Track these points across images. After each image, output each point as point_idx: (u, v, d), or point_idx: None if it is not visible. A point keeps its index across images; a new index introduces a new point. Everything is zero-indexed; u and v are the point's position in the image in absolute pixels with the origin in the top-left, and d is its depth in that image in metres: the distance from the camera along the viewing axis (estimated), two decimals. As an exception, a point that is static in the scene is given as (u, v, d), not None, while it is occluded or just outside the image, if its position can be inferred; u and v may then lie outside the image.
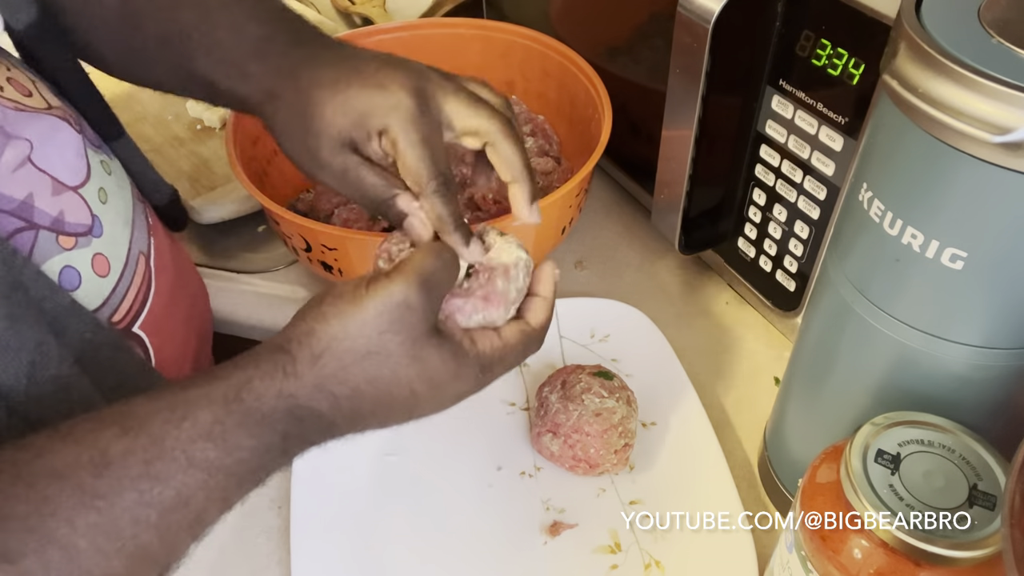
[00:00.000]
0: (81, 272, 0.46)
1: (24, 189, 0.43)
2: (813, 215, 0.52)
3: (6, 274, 0.40)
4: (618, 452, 0.52)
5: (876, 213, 0.36)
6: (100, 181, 0.49)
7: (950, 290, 0.35)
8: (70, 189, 0.46)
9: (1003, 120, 0.29)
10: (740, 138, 0.56)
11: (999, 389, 0.38)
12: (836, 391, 0.44)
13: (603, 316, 0.63)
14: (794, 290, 0.57)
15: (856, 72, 0.45)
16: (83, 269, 0.46)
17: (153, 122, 0.84)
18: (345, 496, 0.53)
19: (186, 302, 0.58)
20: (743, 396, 0.60)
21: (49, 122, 0.46)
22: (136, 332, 0.51)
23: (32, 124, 0.45)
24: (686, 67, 0.52)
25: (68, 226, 0.46)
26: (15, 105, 0.45)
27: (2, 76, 0.45)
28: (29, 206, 0.44)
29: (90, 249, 0.47)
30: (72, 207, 0.46)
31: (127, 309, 0.50)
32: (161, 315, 0.53)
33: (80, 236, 0.46)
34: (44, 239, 0.44)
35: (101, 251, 0.48)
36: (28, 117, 0.45)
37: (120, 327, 0.49)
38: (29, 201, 0.44)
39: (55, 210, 0.45)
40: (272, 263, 0.72)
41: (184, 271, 0.59)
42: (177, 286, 0.57)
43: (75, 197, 0.47)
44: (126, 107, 0.84)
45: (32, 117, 0.45)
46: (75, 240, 0.46)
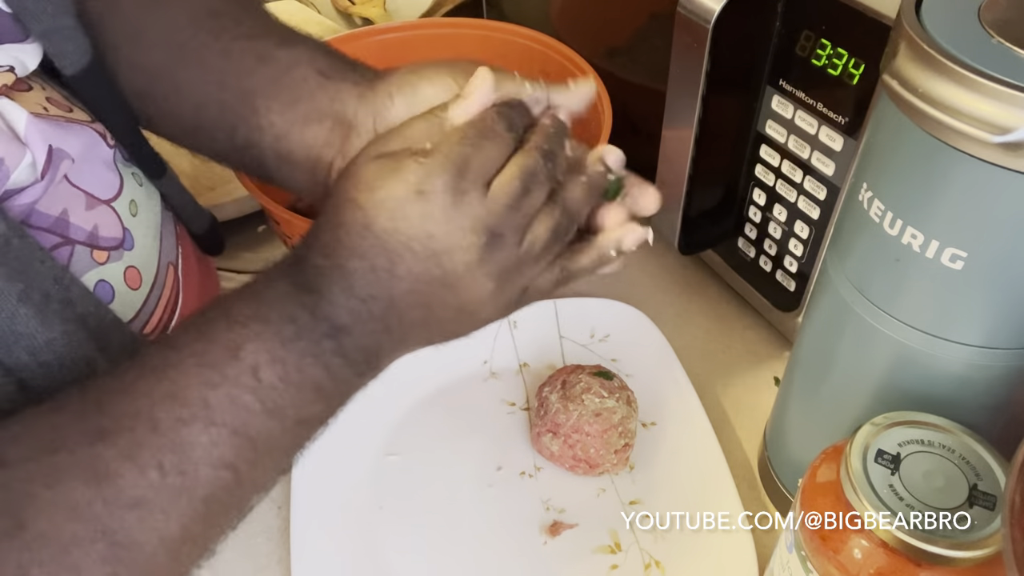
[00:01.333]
0: (114, 286, 0.45)
1: (59, 205, 0.43)
2: (813, 215, 0.52)
3: (58, 291, 0.40)
4: (618, 452, 0.52)
5: (876, 213, 0.36)
6: (132, 193, 0.48)
7: (950, 290, 0.35)
8: (103, 203, 0.46)
9: (1003, 120, 0.29)
10: (740, 138, 0.56)
11: (999, 389, 0.38)
12: (836, 391, 0.44)
13: (603, 316, 0.63)
14: (794, 290, 0.57)
15: (856, 72, 0.45)
16: (116, 283, 0.46)
17: (153, 122, 0.84)
18: (345, 496, 0.53)
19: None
20: (743, 396, 0.60)
21: (89, 135, 0.46)
22: None
23: (74, 137, 0.44)
24: (686, 67, 0.52)
25: (102, 240, 0.45)
26: (65, 118, 0.45)
27: (41, 97, 0.44)
28: (64, 221, 0.43)
29: (122, 263, 0.46)
30: (105, 221, 0.46)
31: (158, 320, 0.49)
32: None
33: (112, 250, 0.46)
34: (80, 254, 0.43)
35: (133, 264, 0.47)
36: (72, 130, 0.45)
37: (152, 338, 0.49)
38: (64, 217, 0.43)
39: (89, 224, 0.44)
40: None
41: (208, 276, 0.59)
42: (203, 293, 0.56)
43: (108, 211, 0.46)
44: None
45: (75, 130, 0.45)
46: (108, 254, 0.45)
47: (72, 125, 0.45)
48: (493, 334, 0.62)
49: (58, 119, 0.44)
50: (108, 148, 0.48)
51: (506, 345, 0.62)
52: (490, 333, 0.62)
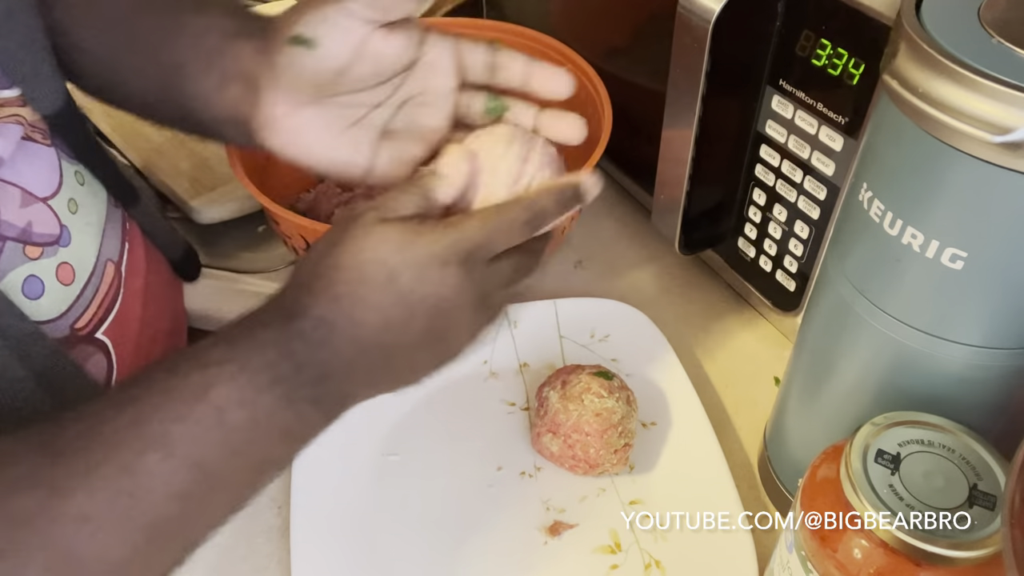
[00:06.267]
0: (45, 281, 0.46)
1: None
2: (813, 215, 0.52)
3: None
4: (618, 452, 0.52)
5: (876, 213, 0.36)
6: (71, 192, 0.49)
7: (950, 290, 0.35)
8: (39, 200, 0.46)
9: (1003, 120, 0.29)
10: (740, 138, 0.56)
11: (999, 389, 0.38)
12: (836, 391, 0.44)
13: (603, 316, 0.63)
14: (794, 290, 0.57)
15: (856, 72, 0.45)
16: (47, 278, 0.46)
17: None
18: (345, 496, 0.53)
19: (157, 305, 0.58)
20: (743, 396, 0.60)
21: (20, 132, 0.46)
22: (99, 338, 0.50)
23: (10, 135, 0.45)
24: (686, 67, 0.52)
25: (36, 236, 0.45)
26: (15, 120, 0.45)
27: None
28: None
29: (56, 259, 0.47)
30: (40, 218, 0.46)
31: (91, 315, 0.49)
32: (128, 320, 0.53)
33: (47, 246, 0.46)
34: (10, 249, 0.44)
35: (67, 260, 0.47)
36: (8, 130, 0.45)
37: (83, 333, 0.49)
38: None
39: (22, 221, 0.45)
40: (272, 263, 0.72)
41: (157, 273, 0.59)
42: (148, 290, 0.56)
43: (44, 208, 0.46)
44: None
45: (11, 129, 0.45)
46: (42, 250, 0.46)
47: (6, 125, 0.45)
48: (493, 334, 0.62)
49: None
50: (46, 147, 0.48)
51: (506, 345, 0.62)
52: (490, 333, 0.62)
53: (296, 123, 0.43)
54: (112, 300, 0.51)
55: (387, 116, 0.45)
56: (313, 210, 0.67)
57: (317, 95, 0.42)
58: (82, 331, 0.49)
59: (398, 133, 0.45)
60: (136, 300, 0.54)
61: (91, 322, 0.49)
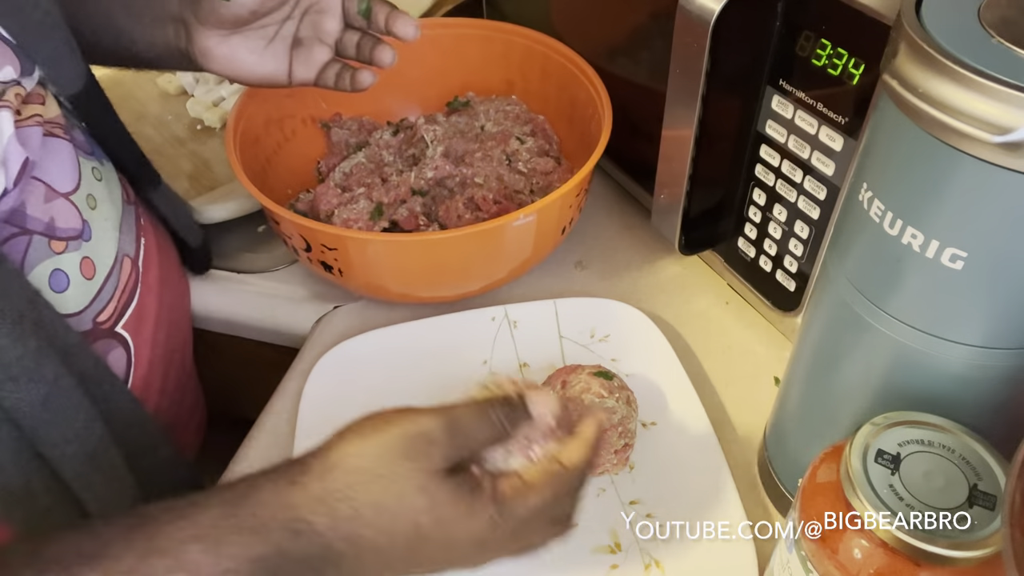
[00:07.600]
0: (69, 275, 0.47)
1: (17, 198, 0.44)
2: (813, 215, 0.52)
3: (31, 312, 0.41)
4: (618, 452, 0.52)
5: (876, 213, 0.36)
6: (89, 188, 0.50)
7: (950, 290, 0.35)
8: (61, 196, 0.47)
9: (1003, 120, 0.29)
10: (740, 138, 0.56)
11: (999, 389, 0.38)
12: (836, 391, 0.44)
13: (603, 316, 0.63)
14: (794, 290, 0.57)
15: (856, 72, 0.45)
16: (71, 272, 0.47)
17: (153, 122, 0.84)
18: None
19: (169, 299, 0.59)
20: (743, 396, 0.60)
21: (40, 132, 0.47)
22: (119, 332, 0.51)
23: (36, 134, 0.46)
24: (686, 67, 0.52)
25: (59, 231, 0.47)
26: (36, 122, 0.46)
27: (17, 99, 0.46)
28: (22, 213, 0.44)
29: (79, 252, 0.48)
30: (63, 213, 0.47)
31: (112, 309, 0.50)
32: (145, 314, 0.54)
33: (71, 240, 0.47)
34: (37, 243, 0.45)
35: (88, 255, 0.49)
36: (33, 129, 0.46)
37: (105, 327, 0.50)
38: (22, 208, 0.44)
39: (47, 216, 0.46)
40: (272, 263, 0.72)
41: (169, 268, 0.60)
42: (163, 285, 0.57)
43: (66, 203, 0.47)
44: (125, 107, 0.84)
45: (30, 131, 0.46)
46: (66, 244, 0.47)
47: (31, 128, 0.46)
48: (493, 334, 0.62)
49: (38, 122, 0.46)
50: (66, 142, 0.49)
51: (506, 345, 0.62)
52: (490, 333, 0.62)
53: (226, 51, 0.54)
54: (130, 295, 0.52)
55: (294, 28, 0.56)
56: (313, 210, 0.67)
57: (238, 27, 0.53)
58: (104, 324, 0.50)
59: (306, 40, 0.57)
60: (152, 295, 0.55)
61: (112, 316, 0.50)
